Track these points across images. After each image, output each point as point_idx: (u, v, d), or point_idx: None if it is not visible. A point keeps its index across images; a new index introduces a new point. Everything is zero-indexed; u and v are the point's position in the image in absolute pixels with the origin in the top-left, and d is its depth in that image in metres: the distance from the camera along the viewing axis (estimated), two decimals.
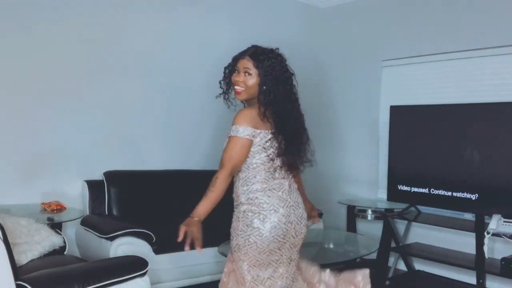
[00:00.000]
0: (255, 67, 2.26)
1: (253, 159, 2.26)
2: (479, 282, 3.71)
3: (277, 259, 2.27)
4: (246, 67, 2.27)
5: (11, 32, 3.49)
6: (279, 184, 2.30)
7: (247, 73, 2.27)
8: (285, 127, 2.27)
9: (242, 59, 2.29)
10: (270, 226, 2.22)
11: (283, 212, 2.25)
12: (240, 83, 2.28)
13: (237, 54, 2.36)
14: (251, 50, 2.32)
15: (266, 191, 2.26)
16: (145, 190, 3.96)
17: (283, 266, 2.31)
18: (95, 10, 3.86)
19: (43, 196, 3.62)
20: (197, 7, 4.43)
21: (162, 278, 3.39)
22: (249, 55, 2.28)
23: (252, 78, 2.27)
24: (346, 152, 5.14)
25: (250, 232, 2.23)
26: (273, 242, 2.23)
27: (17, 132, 3.54)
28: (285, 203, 2.27)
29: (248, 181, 2.28)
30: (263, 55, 2.28)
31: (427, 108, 4.15)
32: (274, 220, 2.23)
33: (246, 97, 2.31)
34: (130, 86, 4.08)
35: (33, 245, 2.84)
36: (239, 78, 2.28)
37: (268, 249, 2.23)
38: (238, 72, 2.30)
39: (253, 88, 2.28)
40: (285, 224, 2.25)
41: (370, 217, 4.52)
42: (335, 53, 5.25)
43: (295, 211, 2.30)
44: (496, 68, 4.00)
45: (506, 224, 3.49)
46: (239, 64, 2.30)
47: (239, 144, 2.20)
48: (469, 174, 3.79)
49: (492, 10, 4.02)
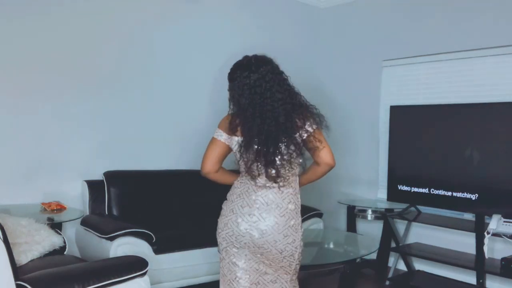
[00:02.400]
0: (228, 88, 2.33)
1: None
2: (479, 282, 3.71)
3: (234, 261, 2.29)
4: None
5: (12, 31, 3.49)
6: (246, 187, 2.29)
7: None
8: (246, 138, 2.22)
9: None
10: (222, 224, 2.30)
11: (239, 212, 2.25)
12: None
13: (232, 70, 2.36)
14: (246, 65, 2.31)
15: (234, 190, 2.34)
16: (145, 190, 3.96)
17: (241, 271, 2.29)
18: (96, 11, 3.86)
19: (43, 196, 3.62)
20: (199, 7, 4.43)
21: (162, 278, 3.39)
22: (250, 70, 2.28)
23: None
24: (346, 152, 5.13)
25: (218, 227, 2.37)
26: (223, 239, 2.30)
27: (17, 132, 3.54)
28: (245, 204, 2.26)
29: (241, 179, 2.36)
30: (262, 67, 2.30)
31: (427, 108, 4.16)
32: (227, 218, 2.29)
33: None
34: (131, 86, 4.08)
35: (33, 245, 2.84)
36: None
37: (221, 246, 2.32)
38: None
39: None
40: (235, 225, 2.25)
41: (370, 217, 4.52)
42: (335, 53, 5.26)
43: (254, 223, 2.23)
44: (495, 68, 4.01)
45: (506, 224, 3.49)
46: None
47: (211, 141, 2.38)
48: (469, 174, 3.79)
49: (492, 10, 4.02)
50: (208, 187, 2.74)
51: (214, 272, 3.58)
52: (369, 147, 4.90)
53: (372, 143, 4.88)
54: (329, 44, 5.31)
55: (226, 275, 2.32)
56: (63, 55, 3.72)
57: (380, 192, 4.79)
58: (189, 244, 3.59)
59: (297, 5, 5.19)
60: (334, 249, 3.83)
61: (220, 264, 2.35)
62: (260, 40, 4.86)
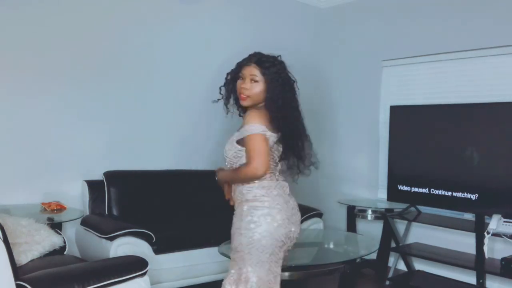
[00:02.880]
0: (262, 74, 2.27)
1: None
2: (479, 282, 3.71)
3: (275, 260, 2.27)
4: (252, 74, 2.27)
5: (12, 31, 3.49)
6: (282, 186, 2.33)
7: (254, 80, 2.27)
8: (291, 133, 2.29)
9: (248, 66, 2.29)
10: (276, 224, 2.22)
11: (286, 213, 2.26)
12: (246, 90, 2.28)
13: (241, 61, 2.35)
14: (256, 56, 2.31)
15: (271, 190, 2.27)
16: (145, 190, 3.96)
17: (279, 267, 2.31)
18: (97, 10, 3.86)
19: (43, 196, 3.62)
20: (198, 7, 4.43)
21: (162, 278, 3.39)
22: (255, 62, 2.28)
23: (259, 85, 2.27)
24: (346, 152, 5.14)
25: (255, 230, 2.21)
26: (276, 241, 2.23)
27: (17, 132, 3.54)
28: (287, 205, 2.29)
29: (258, 184, 2.28)
30: (268, 62, 2.28)
31: (427, 108, 4.15)
32: (279, 218, 2.23)
33: (251, 104, 2.30)
34: (131, 86, 4.08)
35: (33, 245, 2.84)
36: (246, 85, 2.28)
37: (270, 249, 2.23)
38: (243, 79, 2.30)
39: (259, 95, 2.28)
40: (288, 225, 2.26)
41: (370, 217, 4.52)
42: (335, 53, 5.25)
43: (296, 214, 2.33)
44: (496, 68, 4.01)
45: (506, 224, 3.49)
46: (244, 71, 2.30)
47: (258, 139, 2.18)
48: (469, 174, 3.79)
49: (492, 10, 4.02)
50: (208, 187, 2.74)
51: (214, 272, 3.59)
52: (369, 147, 4.90)
53: (372, 143, 4.88)
54: (329, 44, 5.31)
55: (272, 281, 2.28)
56: (63, 56, 3.72)
57: (380, 192, 4.79)
58: (189, 244, 3.59)
59: (297, 5, 5.19)
60: (334, 249, 3.83)
61: (260, 270, 2.23)
62: (260, 40, 4.85)
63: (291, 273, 3.05)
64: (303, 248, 3.81)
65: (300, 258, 3.35)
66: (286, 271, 3.03)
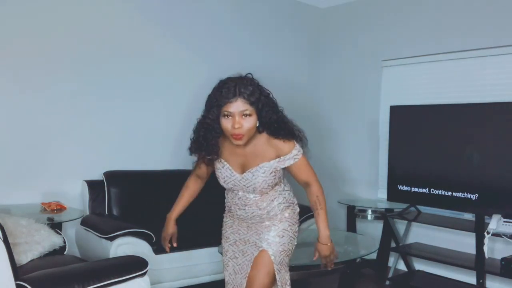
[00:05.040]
0: (251, 105, 2.09)
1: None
2: (479, 282, 3.71)
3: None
4: (243, 109, 2.08)
5: (12, 30, 3.49)
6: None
7: (245, 115, 2.09)
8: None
9: (234, 102, 2.07)
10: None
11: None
12: (240, 129, 2.09)
13: (219, 98, 2.10)
14: (235, 88, 2.08)
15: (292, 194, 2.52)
16: (145, 190, 3.96)
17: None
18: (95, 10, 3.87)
19: (43, 196, 3.62)
20: (198, 6, 4.43)
21: (162, 278, 3.39)
22: (239, 96, 2.08)
23: (252, 119, 2.12)
24: (346, 152, 5.14)
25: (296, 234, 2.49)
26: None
27: (17, 132, 3.54)
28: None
29: (285, 188, 2.45)
30: (249, 90, 2.09)
31: (427, 108, 4.15)
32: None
33: (247, 139, 2.16)
34: (131, 87, 4.08)
35: (33, 245, 2.84)
36: (238, 124, 2.08)
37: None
38: (231, 117, 2.10)
39: (254, 128, 2.15)
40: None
41: (370, 217, 4.52)
42: (335, 53, 5.26)
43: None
44: (496, 68, 4.01)
45: (506, 224, 3.49)
46: (231, 109, 2.08)
47: (305, 159, 2.33)
48: (469, 174, 3.79)
49: (492, 10, 4.02)
50: (208, 187, 2.74)
51: (214, 272, 3.59)
52: (369, 147, 4.91)
53: (372, 143, 4.88)
54: (329, 44, 5.31)
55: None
56: (63, 57, 3.71)
57: (380, 192, 4.79)
58: (189, 244, 3.58)
59: (297, 5, 5.19)
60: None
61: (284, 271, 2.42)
62: (260, 39, 4.86)
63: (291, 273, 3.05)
64: (303, 248, 3.81)
65: (300, 258, 3.35)
66: None
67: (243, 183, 2.28)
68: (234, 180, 2.30)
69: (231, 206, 2.42)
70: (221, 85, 2.15)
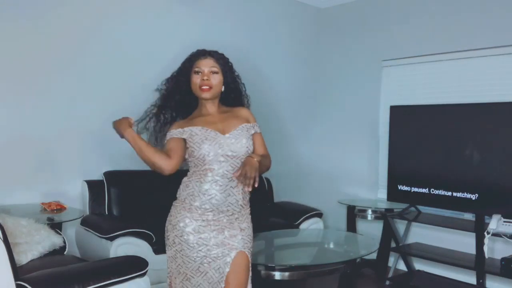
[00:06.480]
0: (219, 65, 2.31)
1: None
2: (479, 282, 3.71)
3: None
4: (212, 65, 2.30)
5: (12, 29, 3.49)
6: None
7: (213, 72, 2.30)
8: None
9: (204, 59, 2.31)
10: None
11: None
12: (208, 81, 2.28)
13: (192, 55, 2.38)
14: (206, 50, 2.35)
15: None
16: (145, 190, 3.96)
17: None
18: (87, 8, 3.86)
19: (43, 196, 3.62)
20: (198, 6, 4.43)
21: (162, 278, 3.38)
22: (210, 55, 2.32)
23: (219, 76, 2.31)
24: (346, 152, 5.14)
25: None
26: None
27: (17, 131, 3.54)
28: None
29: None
30: (218, 53, 2.35)
31: (427, 108, 4.15)
32: None
33: (211, 96, 2.31)
34: (130, 86, 4.08)
35: (33, 245, 2.84)
36: (207, 76, 2.28)
37: None
38: (200, 73, 2.30)
39: (219, 86, 2.32)
40: None
41: (370, 217, 4.52)
42: (335, 53, 5.26)
43: None
44: (496, 68, 4.01)
45: (506, 224, 3.49)
46: (201, 65, 2.31)
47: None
48: (469, 174, 3.79)
49: (492, 10, 4.02)
50: None
51: None
52: (369, 147, 4.91)
53: (372, 143, 4.88)
54: (329, 44, 5.31)
55: None
56: (60, 55, 3.71)
57: (380, 192, 4.79)
58: None
59: (297, 5, 5.19)
60: (334, 249, 3.83)
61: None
62: (259, 39, 4.86)
63: (291, 273, 3.05)
64: (303, 248, 3.81)
65: (300, 258, 3.36)
66: (286, 271, 3.03)
67: (227, 147, 2.22)
68: (218, 143, 2.23)
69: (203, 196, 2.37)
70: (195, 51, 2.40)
